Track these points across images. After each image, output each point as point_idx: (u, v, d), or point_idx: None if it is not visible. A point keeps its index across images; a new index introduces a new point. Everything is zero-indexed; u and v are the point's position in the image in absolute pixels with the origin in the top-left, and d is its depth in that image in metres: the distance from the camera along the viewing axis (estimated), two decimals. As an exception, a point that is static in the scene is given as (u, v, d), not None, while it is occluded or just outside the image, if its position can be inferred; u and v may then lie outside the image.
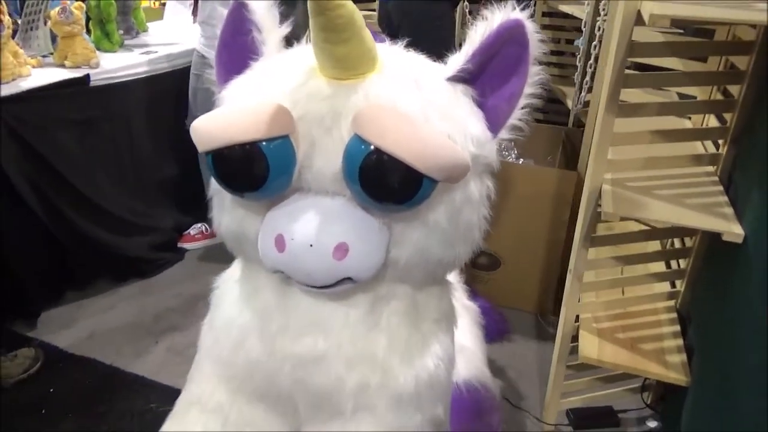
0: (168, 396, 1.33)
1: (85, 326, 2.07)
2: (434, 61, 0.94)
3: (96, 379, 1.84)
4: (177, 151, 2.46)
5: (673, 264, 1.54)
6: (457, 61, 0.89)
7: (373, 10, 3.30)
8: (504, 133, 0.91)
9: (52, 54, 2.22)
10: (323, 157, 0.83)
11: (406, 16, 2.35)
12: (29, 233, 1.98)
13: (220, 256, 1.06)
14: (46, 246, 2.06)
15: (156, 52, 2.44)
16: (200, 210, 2.53)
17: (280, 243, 0.83)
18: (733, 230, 1.09)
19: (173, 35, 2.79)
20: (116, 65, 2.23)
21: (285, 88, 0.84)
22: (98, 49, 2.29)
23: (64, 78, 2.03)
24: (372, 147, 0.76)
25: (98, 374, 1.86)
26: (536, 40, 0.86)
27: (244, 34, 0.95)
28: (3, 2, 1.94)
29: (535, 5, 2.88)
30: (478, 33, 0.86)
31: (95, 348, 1.96)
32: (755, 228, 1.07)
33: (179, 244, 2.56)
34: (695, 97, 1.50)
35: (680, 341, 1.40)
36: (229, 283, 1.08)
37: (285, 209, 0.86)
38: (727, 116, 1.30)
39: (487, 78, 0.89)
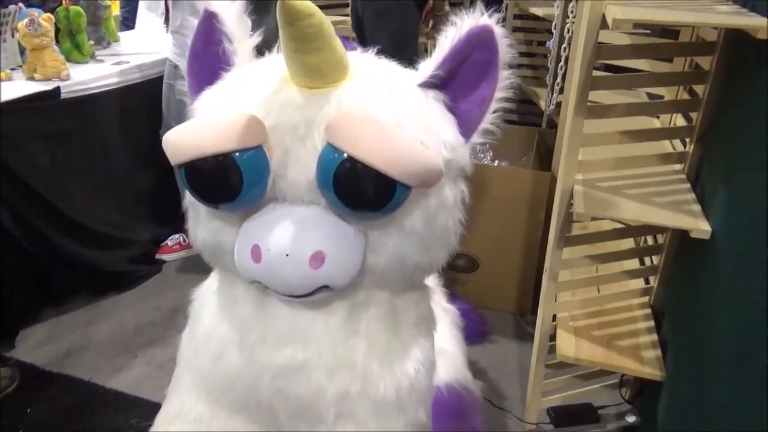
0: (149, 411, 1.32)
1: (63, 343, 2.03)
2: (394, 50, 0.95)
3: (75, 396, 1.81)
4: (152, 161, 2.43)
5: (647, 261, 1.58)
6: (428, 67, 0.90)
7: (347, 15, 3.31)
8: (477, 138, 0.92)
9: (20, 67, 2.18)
10: (297, 166, 0.83)
11: (367, 4, 2.43)
12: (3, 250, 1.94)
13: (198, 267, 1.06)
14: (22, 263, 2.02)
15: (128, 62, 2.41)
16: (177, 221, 2.55)
17: (256, 253, 0.83)
18: (701, 227, 1.11)
19: (145, 44, 2.76)
20: (87, 77, 2.20)
21: (257, 98, 0.85)
22: (68, 60, 2.26)
23: (34, 91, 2.00)
24: (345, 155, 0.76)
25: (77, 392, 1.82)
26: (505, 45, 0.88)
27: (216, 44, 0.95)
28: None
29: (506, 8, 2.92)
30: (447, 39, 0.87)
31: (73, 365, 1.93)
32: (722, 224, 1.10)
33: (157, 256, 2.53)
34: (663, 97, 1.54)
35: (655, 337, 1.43)
36: (207, 294, 1.07)
37: (260, 219, 0.86)
38: (693, 115, 1.34)
39: (458, 83, 0.90)
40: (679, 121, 1.47)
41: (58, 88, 2.06)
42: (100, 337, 2.07)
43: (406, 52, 1.94)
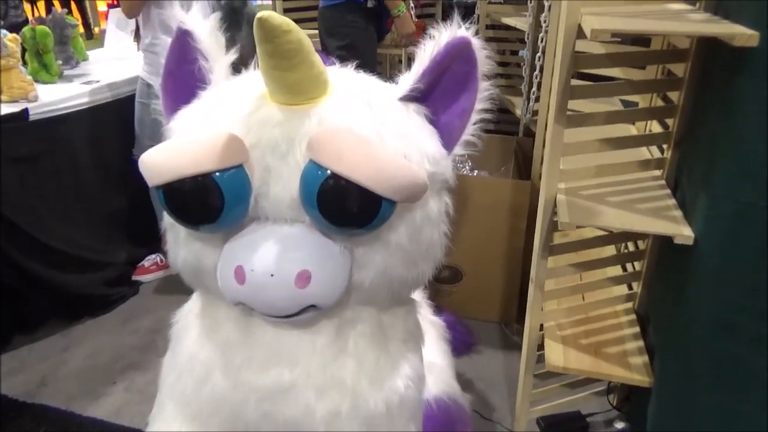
0: (129, 439, 1.28)
1: (37, 371, 1.97)
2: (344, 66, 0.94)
3: (51, 426, 1.74)
4: (126, 181, 2.38)
5: (629, 267, 1.59)
6: (408, 80, 0.89)
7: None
8: (458, 149, 0.92)
9: (-14, 89, 2.13)
10: (279, 184, 0.81)
11: (322, 21, 2.51)
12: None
13: (176, 287, 1.03)
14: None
15: (98, 81, 2.37)
16: (154, 241, 2.51)
17: (239, 275, 0.81)
18: (684, 233, 1.12)
19: (115, 63, 2.72)
20: (56, 97, 2.15)
21: (236, 116, 0.83)
22: (36, 81, 2.21)
23: (1, 114, 1.94)
24: (329, 172, 0.75)
25: (54, 422, 1.76)
26: (484, 57, 0.88)
27: (190, 63, 0.93)
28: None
29: (478, 19, 2.95)
30: (426, 52, 0.87)
31: (48, 394, 1.87)
32: (703, 229, 1.11)
33: (133, 277, 2.47)
34: (637, 104, 1.56)
35: (641, 342, 1.43)
36: (189, 317, 1.05)
37: (243, 240, 0.84)
38: (669, 121, 1.35)
39: (438, 96, 0.90)
40: (655, 127, 1.49)
41: (26, 110, 2.01)
42: (76, 364, 2.01)
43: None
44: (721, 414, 1.12)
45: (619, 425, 1.57)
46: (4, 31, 2.07)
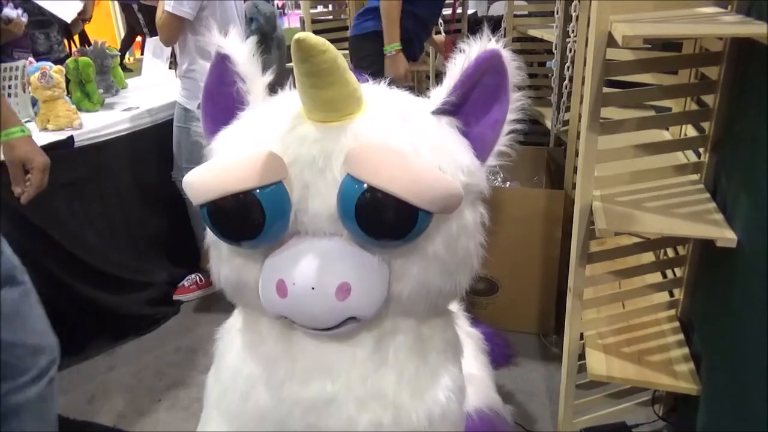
0: (176, 454, 1.30)
1: (85, 390, 2.03)
2: None
3: (99, 444, 1.80)
4: (165, 203, 2.45)
5: (669, 273, 1.56)
6: (440, 94, 0.91)
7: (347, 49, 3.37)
8: (492, 160, 0.93)
9: (33, 119, 2.23)
10: (318, 199, 0.84)
11: (350, 49, 2.55)
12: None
13: (215, 306, 1.06)
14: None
15: (137, 107, 2.45)
16: (193, 261, 2.56)
17: (281, 288, 0.83)
18: (726, 236, 1.10)
19: (153, 89, 2.81)
20: (99, 124, 2.24)
21: (274, 135, 0.86)
22: (79, 109, 2.30)
23: (48, 141, 2.03)
24: (366, 185, 0.77)
25: (101, 439, 1.81)
26: (514, 68, 0.89)
27: (229, 85, 0.97)
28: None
29: (505, 32, 2.96)
30: (457, 66, 0.89)
31: (96, 412, 1.92)
32: (747, 231, 1.09)
33: (174, 297, 2.53)
34: (671, 109, 1.54)
35: (686, 350, 1.40)
36: (232, 332, 1.07)
37: (284, 254, 0.86)
38: (705, 125, 1.34)
39: (470, 108, 0.91)
40: (690, 131, 1.47)
41: (71, 137, 2.09)
42: (121, 382, 2.06)
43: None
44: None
45: (666, 436, 1.54)
46: (49, 64, 2.17)
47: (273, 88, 1.00)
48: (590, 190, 1.25)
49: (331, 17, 4.07)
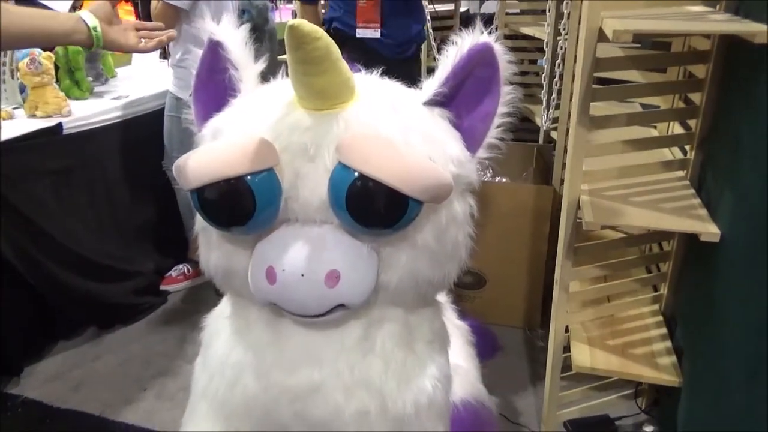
0: (162, 442, 1.30)
1: (71, 378, 2.02)
2: None
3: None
4: (154, 193, 2.44)
5: (654, 269, 1.58)
6: (432, 85, 0.91)
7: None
8: (482, 152, 0.94)
9: (21, 105, 2.20)
10: (309, 186, 0.84)
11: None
12: (7, 286, 1.94)
13: (202, 297, 1.06)
14: (26, 298, 2.02)
15: (127, 96, 2.44)
16: (181, 251, 2.56)
17: (271, 275, 0.83)
18: (710, 230, 1.12)
19: (142, 79, 2.79)
20: (88, 112, 2.22)
21: (266, 122, 0.86)
22: (68, 97, 2.28)
23: (36, 128, 2.01)
24: (356, 174, 0.77)
25: (87, 427, 1.81)
26: (505, 61, 0.90)
27: (221, 73, 0.96)
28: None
29: (496, 29, 2.97)
30: (449, 58, 0.89)
31: (82, 400, 1.91)
32: (730, 226, 1.11)
33: (161, 287, 2.52)
34: (658, 107, 1.56)
35: (669, 343, 1.43)
36: (219, 320, 1.07)
37: (274, 241, 0.86)
38: (691, 122, 1.36)
39: (461, 100, 0.92)
40: (677, 128, 1.49)
41: (60, 124, 2.07)
42: (108, 371, 2.05)
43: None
44: (754, 415, 1.11)
45: (648, 428, 1.56)
46: (38, 50, 2.15)
47: (264, 79, 1.00)
48: (578, 184, 1.26)
49: (323, 11, 4.05)
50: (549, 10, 2.16)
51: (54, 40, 1.24)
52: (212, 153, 0.84)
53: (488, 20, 3.06)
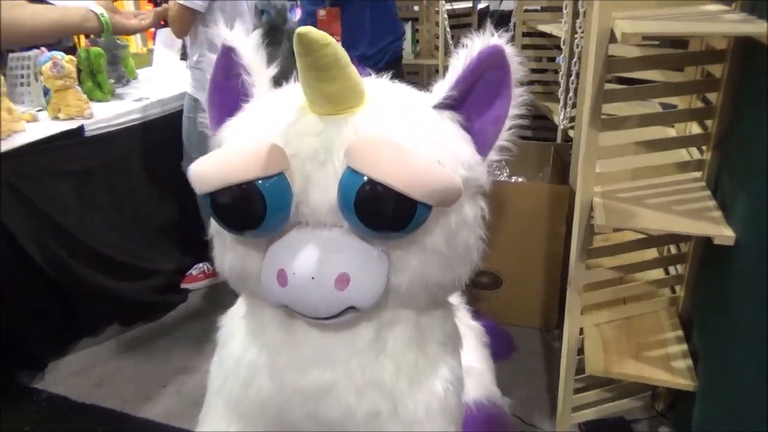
0: (180, 439, 1.33)
1: (93, 374, 2.07)
2: None
3: (107, 426, 1.83)
4: (174, 193, 2.48)
5: (672, 270, 1.56)
6: (442, 88, 0.91)
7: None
8: (493, 155, 0.94)
9: (45, 108, 2.26)
10: (319, 191, 0.85)
11: None
12: (32, 285, 1.99)
13: (222, 295, 1.08)
14: (50, 297, 2.07)
15: (148, 98, 2.48)
16: (201, 250, 2.59)
17: (282, 278, 0.85)
18: (724, 233, 1.11)
19: (163, 80, 2.84)
20: (109, 114, 2.26)
21: (277, 127, 0.87)
22: (90, 99, 2.33)
23: (59, 130, 2.06)
24: (365, 178, 0.78)
25: (109, 422, 1.85)
26: (517, 63, 0.89)
27: (234, 77, 0.98)
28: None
29: (514, 27, 2.96)
30: (459, 61, 0.90)
31: (104, 396, 1.96)
32: (745, 229, 1.09)
33: (182, 285, 2.57)
34: (677, 106, 1.54)
35: (685, 346, 1.41)
36: (235, 320, 1.09)
37: (285, 244, 0.87)
38: (708, 123, 1.34)
39: (472, 103, 0.91)
40: (695, 129, 1.47)
41: (82, 127, 2.12)
42: (129, 367, 2.10)
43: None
44: (768, 419, 1.10)
45: (665, 431, 1.55)
46: (61, 53, 2.20)
47: (284, 79, 1.00)
48: (591, 185, 1.25)
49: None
50: (566, 8, 2.14)
51: (70, 30, 1.46)
52: (224, 158, 0.85)
53: (507, 17, 3.06)
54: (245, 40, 0.97)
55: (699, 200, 1.25)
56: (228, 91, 0.99)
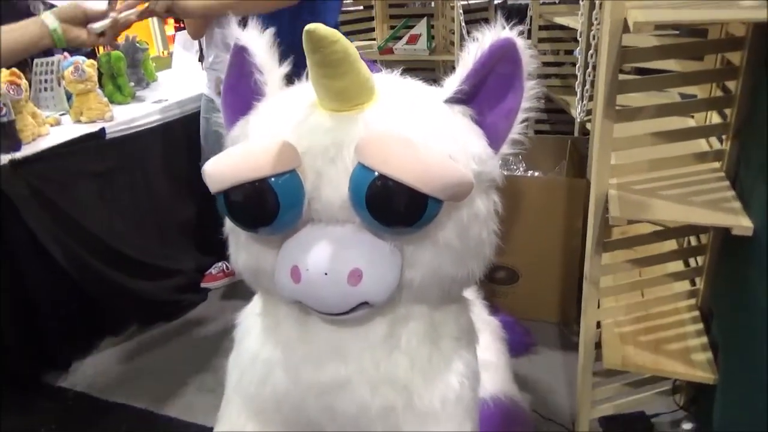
0: (202, 435, 1.35)
1: (117, 373, 2.11)
2: None
3: (131, 424, 1.87)
4: (193, 193, 2.51)
5: (691, 262, 1.54)
6: (453, 83, 0.91)
7: (372, 39, 3.38)
8: (505, 149, 0.93)
9: (67, 112, 2.30)
10: (330, 187, 0.85)
11: None
12: (56, 285, 2.03)
13: (241, 293, 1.09)
14: (74, 297, 2.11)
15: (167, 100, 2.51)
16: (220, 249, 2.60)
17: (295, 274, 0.86)
18: (742, 224, 1.09)
19: (182, 82, 2.87)
20: (130, 116, 2.30)
21: (288, 125, 0.88)
22: (111, 102, 2.37)
23: (81, 134, 2.10)
24: (376, 174, 0.78)
25: (134, 419, 1.89)
26: (528, 56, 0.89)
27: (247, 77, 0.99)
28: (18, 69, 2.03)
29: (530, 20, 2.93)
30: (470, 54, 0.89)
31: (128, 393, 1.99)
32: (763, 219, 1.07)
33: (202, 284, 2.60)
34: (695, 96, 1.52)
35: (704, 339, 1.39)
36: (251, 317, 1.10)
37: (298, 241, 0.88)
38: (728, 112, 1.32)
39: (483, 97, 0.91)
40: (715, 118, 1.44)
41: (103, 129, 2.16)
42: (152, 366, 2.14)
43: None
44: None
45: (687, 426, 1.53)
46: (82, 58, 2.24)
47: (297, 77, 1.01)
48: (606, 178, 1.24)
49: (362, 7, 4.04)
50: (582, 0, 2.12)
51: (29, 51, 1.23)
52: (236, 156, 0.86)
53: (523, 10, 3.03)
54: (257, 39, 0.98)
55: (717, 191, 1.23)
56: (241, 90, 1.00)
